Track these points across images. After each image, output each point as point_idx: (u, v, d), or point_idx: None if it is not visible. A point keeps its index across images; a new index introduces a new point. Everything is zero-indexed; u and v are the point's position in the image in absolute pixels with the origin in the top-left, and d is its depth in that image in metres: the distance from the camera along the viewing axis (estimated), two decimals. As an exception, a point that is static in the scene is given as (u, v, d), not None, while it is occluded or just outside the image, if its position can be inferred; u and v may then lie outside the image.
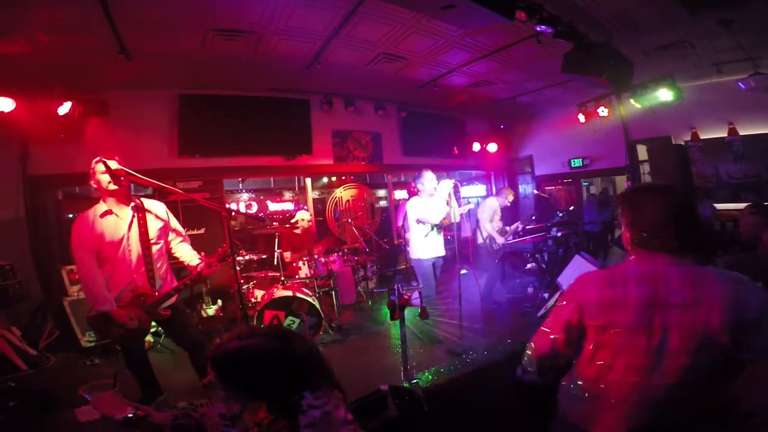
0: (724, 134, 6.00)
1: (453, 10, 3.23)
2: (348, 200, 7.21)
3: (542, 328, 1.48)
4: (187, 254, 2.88)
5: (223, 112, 5.57)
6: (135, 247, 2.64)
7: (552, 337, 1.41)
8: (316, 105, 6.29)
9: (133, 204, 2.67)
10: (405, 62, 5.15)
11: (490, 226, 5.48)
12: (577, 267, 3.74)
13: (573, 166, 8.00)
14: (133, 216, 2.65)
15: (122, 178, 2.54)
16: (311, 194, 6.90)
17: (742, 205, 4.80)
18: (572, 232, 6.41)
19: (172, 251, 2.90)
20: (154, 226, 2.73)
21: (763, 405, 1.54)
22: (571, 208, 7.82)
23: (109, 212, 2.59)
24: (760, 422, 1.52)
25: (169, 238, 2.87)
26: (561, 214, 7.02)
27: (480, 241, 5.60)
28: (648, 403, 1.25)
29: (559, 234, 6.07)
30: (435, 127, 7.76)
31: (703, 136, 6.22)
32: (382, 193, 7.91)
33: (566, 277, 3.79)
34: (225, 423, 1.22)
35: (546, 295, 5.01)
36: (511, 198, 5.90)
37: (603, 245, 7.32)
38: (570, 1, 3.59)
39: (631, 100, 5.88)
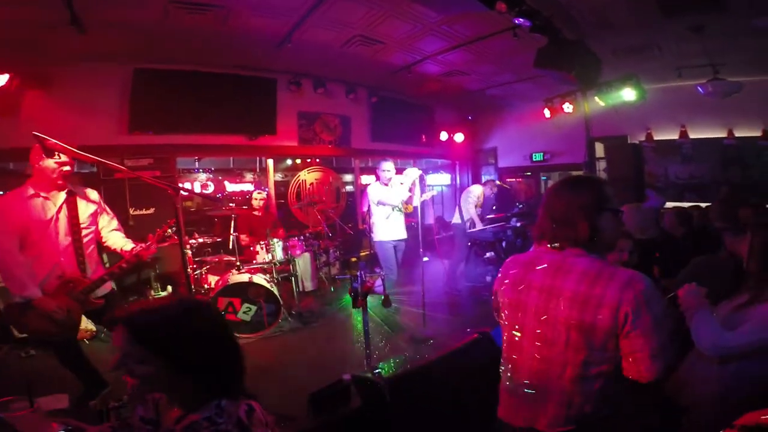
0: (675, 136, 6.36)
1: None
2: (312, 183, 7.01)
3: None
4: (119, 241, 2.67)
5: (182, 87, 5.19)
6: (63, 229, 2.41)
7: (496, 311, 1.51)
8: (283, 85, 6.02)
9: (68, 189, 2.45)
10: (381, 46, 5.01)
11: (474, 210, 5.59)
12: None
13: (534, 159, 8.23)
14: (65, 200, 2.43)
15: (56, 153, 2.28)
16: (273, 176, 6.64)
17: (686, 205, 5.18)
18: (530, 222, 6.62)
19: (103, 240, 2.66)
20: (85, 211, 2.52)
21: (698, 401, 1.65)
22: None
23: (36, 195, 2.35)
24: (696, 415, 1.64)
25: (101, 226, 2.65)
26: (520, 205, 7.22)
27: (457, 221, 5.69)
28: (531, 378, 1.29)
29: (518, 224, 6.26)
30: (405, 114, 7.68)
31: (656, 137, 6.57)
32: (349, 177, 7.76)
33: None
34: (147, 428, 1.09)
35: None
36: (495, 190, 6.14)
37: None
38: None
39: (596, 98, 6.06)
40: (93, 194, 2.64)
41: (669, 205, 5.29)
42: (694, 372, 1.73)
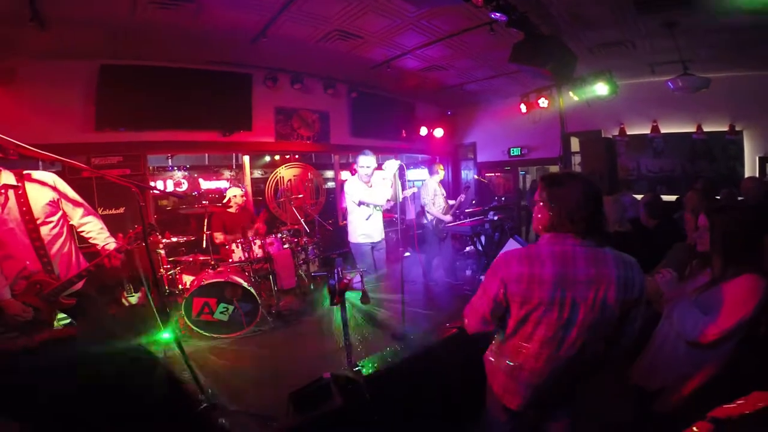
0: (647, 131, 6.54)
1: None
2: (290, 179, 6.90)
3: (471, 305, 1.57)
4: (98, 236, 2.50)
5: (151, 83, 5.02)
6: (18, 229, 2.22)
7: (482, 312, 1.50)
8: (259, 80, 5.89)
9: (3, 183, 2.20)
10: (360, 41, 4.95)
11: (433, 208, 5.54)
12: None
13: (512, 154, 8.33)
14: (7, 195, 2.20)
15: (11, 151, 2.12)
16: (249, 173, 6.50)
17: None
18: (508, 216, 6.71)
19: (80, 231, 2.49)
20: (38, 201, 2.28)
21: (669, 383, 1.71)
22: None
23: None
24: (668, 396, 1.70)
25: (69, 214, 2.45)
26: (502, 199, 7.29)
27: (425, 221, 5.66)
28: (553, 372, 1.42)
29: (495, 218, 6.33)
30: (385, 109, 7.64)
31: (629, 132, 6.74)
32: (329, 173, 7.68)
33: (502, 260, 3.94)
34: None
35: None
36: (441, 172, 5.94)
37: None
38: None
39: (570, 93, 6.16)
40: (47, 178, 2.35)
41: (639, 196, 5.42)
42: (661, 355, 1.79)
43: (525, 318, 1.39)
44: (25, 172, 2.30)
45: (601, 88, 5.84)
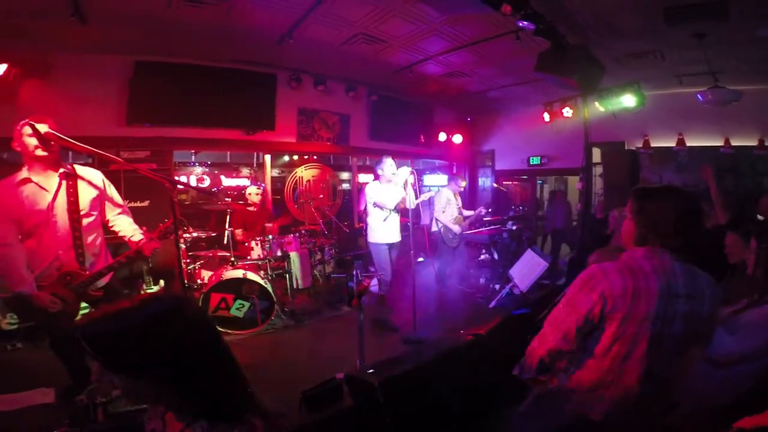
0: (672, 144, 6.39)
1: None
2: (309, 180, 6.98)
3: (553, 320, 1.45)
4: (127, 228, 2.59)
5: (181, 81, 5.14)
6: (62, 219, 2.32)
7: (566, 329, 1.39)
8: (283, 80, 5.97)
9: (62, 171, 2.35)
10: (383, 45, 4.98)
11: (443, 216, 5.52)
12: (529, 261, 3.86)
13: (531, 163, 8.23)
14: (60, 184, 2.33)
15: (52, 143, 2.22)
16: (269, 171, 6.60)
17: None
18: (526, 226, 6.64)
19: (110, 225, 2.59)
20: (86, 196, 2.42)
21: (688, 396, 1.67)
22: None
23: (28, 180, 2.27)
24: (687, 410, 1.67)
25: (106, 210, 2.56)
26: (519, 208, 7.21)
27: (434, 229, 5.64)
28: (642, 386, 1.36)
29: (514, 228, 6.26)
30: (404, 113, 7.65)
31: (653, 144, 6.59)
32: (345, 175, 7.74)
33: (518, 270, 3.91)
34: None
35: (497, 287, 5.15)
36: (463, 184, 5.89)
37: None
38: (555, 0, 3.59)
39: (596, 103, 6.07)
40: (96, 177, 2.51)
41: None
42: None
43: (622, 334, 1.32)
44: (70, 166, 2.43)
45: (628, 100, 5.74)
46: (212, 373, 0.92)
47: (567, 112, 6.74)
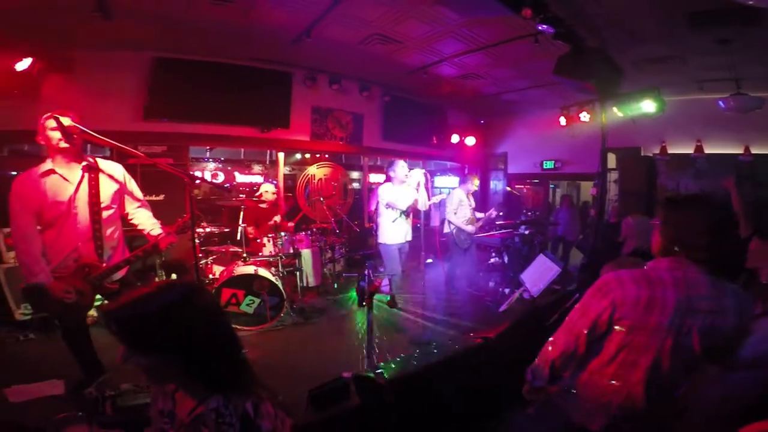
0: (690, 150, 6.26)
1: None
2: (321, 179, 7.02)
3: (566, 324, 1.46)
4: (146, 222, 2.63)
5: (199, 77, 5.23)
6: (83, 211, 2.36)
7: (577, 332, 1.40)
8: (299, 79, 6.03)
9: (84, 164, 2.39)
10: (399, 46, 4.99)
11: (454, 217, 5.49)
12: (540, 265, 3.83)
13: (544, 167, 8.15)
14: (83, 176, 2.37)
15: (75, 136, 2.27)
16: (282, 169, 6.66)
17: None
18: (538, 231, 6.57)
19: (129, 218, 2.64)
20: (107, 189, 2.46)
21: (696, 401, 1.63)
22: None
23: (52, 171, 2.31)
24: (695, 415, 1.63)
25: (126, 204, 2.60)
26: (531, 212, 7.14)
27: (446, 230, 5.61)
28: (648, 395, 1.35)
29: (526, 232, 6.20)
30: (417, 114, 7.65)
31: (671, 151, 6.46)
32: (356, 175, 7.76)
33: (529, 275, 3.88)
34: (164, 420, 1.08)
35: (507, 291, 5.12)
36: (476, 182, 5.80)
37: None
38: (575, 4, 3.55)
39: (615, 108, 5.98)
40: (117, 171, 2.55)
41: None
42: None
43: (630, 343, 1.32)
44: (92, 159, 2.48)
45: (647, 105, 5.64)
46: (224, 351, 1.04)
47: (584, 116, 6.64)
